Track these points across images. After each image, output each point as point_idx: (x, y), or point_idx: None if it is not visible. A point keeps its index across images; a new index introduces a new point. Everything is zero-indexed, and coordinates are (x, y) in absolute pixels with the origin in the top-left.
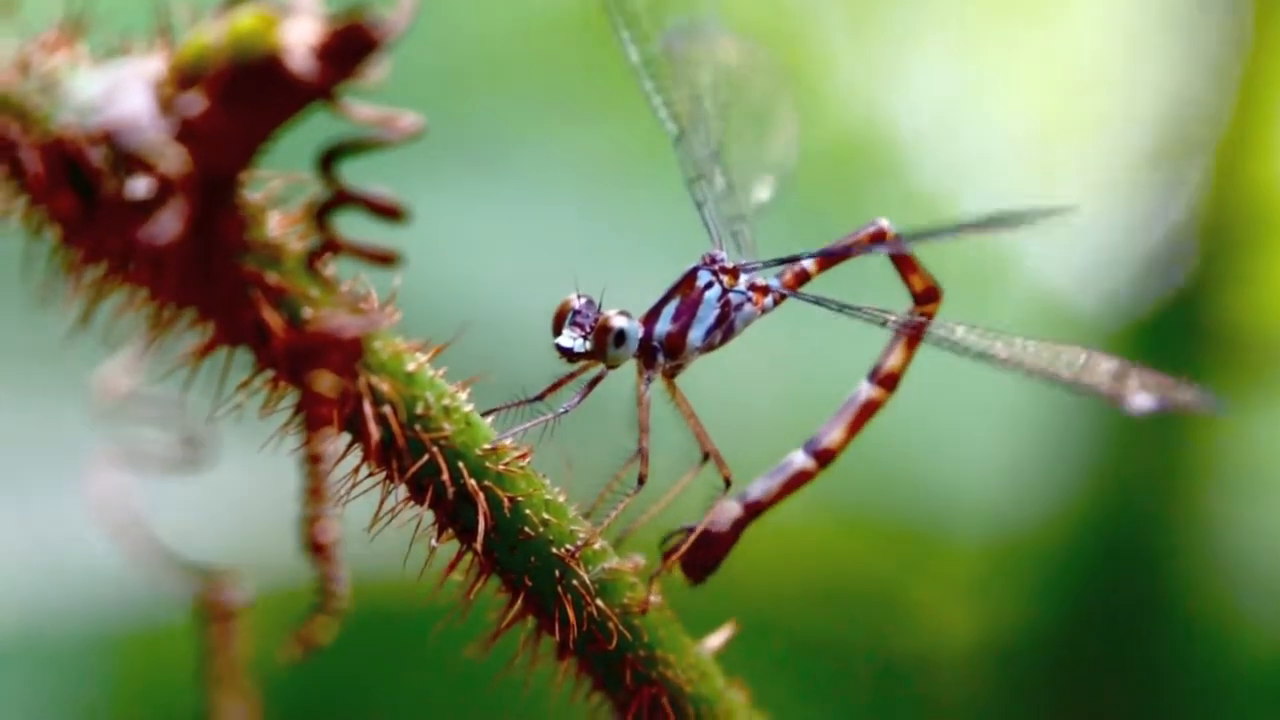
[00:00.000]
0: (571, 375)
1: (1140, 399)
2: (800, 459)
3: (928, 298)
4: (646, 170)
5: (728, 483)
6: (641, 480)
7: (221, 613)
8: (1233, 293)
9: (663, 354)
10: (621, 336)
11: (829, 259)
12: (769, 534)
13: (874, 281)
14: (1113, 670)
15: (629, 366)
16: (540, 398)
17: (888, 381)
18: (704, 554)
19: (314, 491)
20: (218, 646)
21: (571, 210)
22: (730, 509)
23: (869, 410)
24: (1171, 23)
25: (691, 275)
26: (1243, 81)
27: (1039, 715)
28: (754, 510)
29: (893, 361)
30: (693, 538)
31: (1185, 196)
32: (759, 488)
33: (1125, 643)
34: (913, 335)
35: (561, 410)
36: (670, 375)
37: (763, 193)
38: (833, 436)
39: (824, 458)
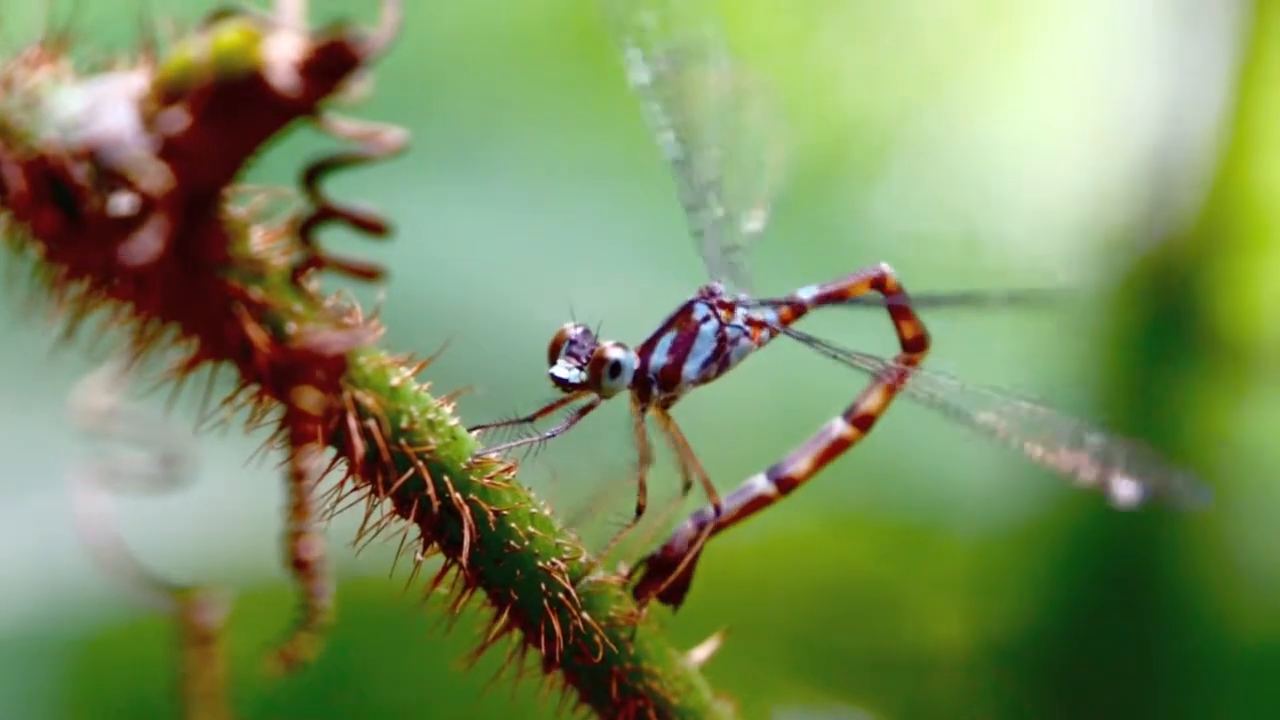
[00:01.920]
0: (564, 401)
1: (1126, 487)
2: (762, 484)
3: (916, 345)
4: (634, 178)
5: (717, 510)
6: (640, 510)
7: (200, 634)
8: (1230, 294)
9: (657, 386)
10: (617, 368)
11: (826, 299)
12: (763, 535)
13: (866, 316)
14: (1110, 667)
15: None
16: (530, 420)
17: (862, 422)
18: (673, 578)
19: (298, 507)
20: (196, 668)
21: (559, 222)
22: (688, 529)
23: (839, 447)
24: (1169, 24)
25: (689, 308)
26: (1241, 84)
27: (1037, 712)
28: (713, 529)
29: (870, 404)
30: (674, 575)
31: (1182, 198)
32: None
33: (1122, 639)
34: (894, 382)
35: (549, 434)
36: (664, 406)
37: (754, 224)
38: (798, 466)
39: (786, 485)
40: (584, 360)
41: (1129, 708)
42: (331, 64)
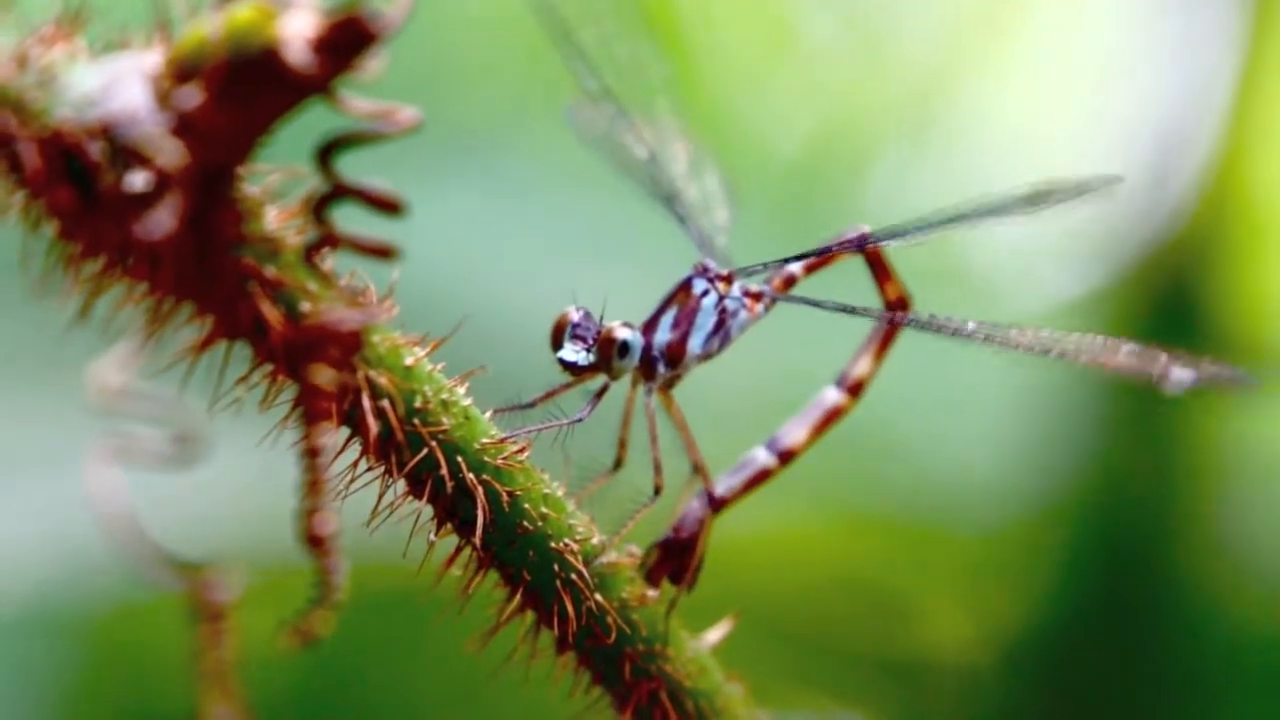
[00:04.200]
0: (567, 385)
1: (1176, 374)
2: (763, 457)
3: (899, 305)
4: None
5: (710, 496)
6: (658, 490)
7: (212, 611)
8: (1231, 292)
9: (663, 363)
10: (625, 348)
11: (814, 262)
12: (768, 534)
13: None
14: (1113, 664)
15: None
16: (533, 404)
17: (855, 389)
18: (683, 559)
19: (312, 485)
20: (207, 644)
21: (573, 204)
22: (696, 509)
23: (834, 415)
24: (1170, 23)
25: (687, 284)
26: (1241, 83)
27: (1039, 709)
28: (719, 507)
29: (860, 369)
30: (687, 557)
31: (1183, 196)
32: (723, 485)
33: (1125, 637)
34: (882, 344)
35: (574, 419)
36: (667, 386)
37: (722, 215)
38: (796, 437)
39: (786, 457)
40: (590, 342)
41: (1131, 708)
42: (346, 41)
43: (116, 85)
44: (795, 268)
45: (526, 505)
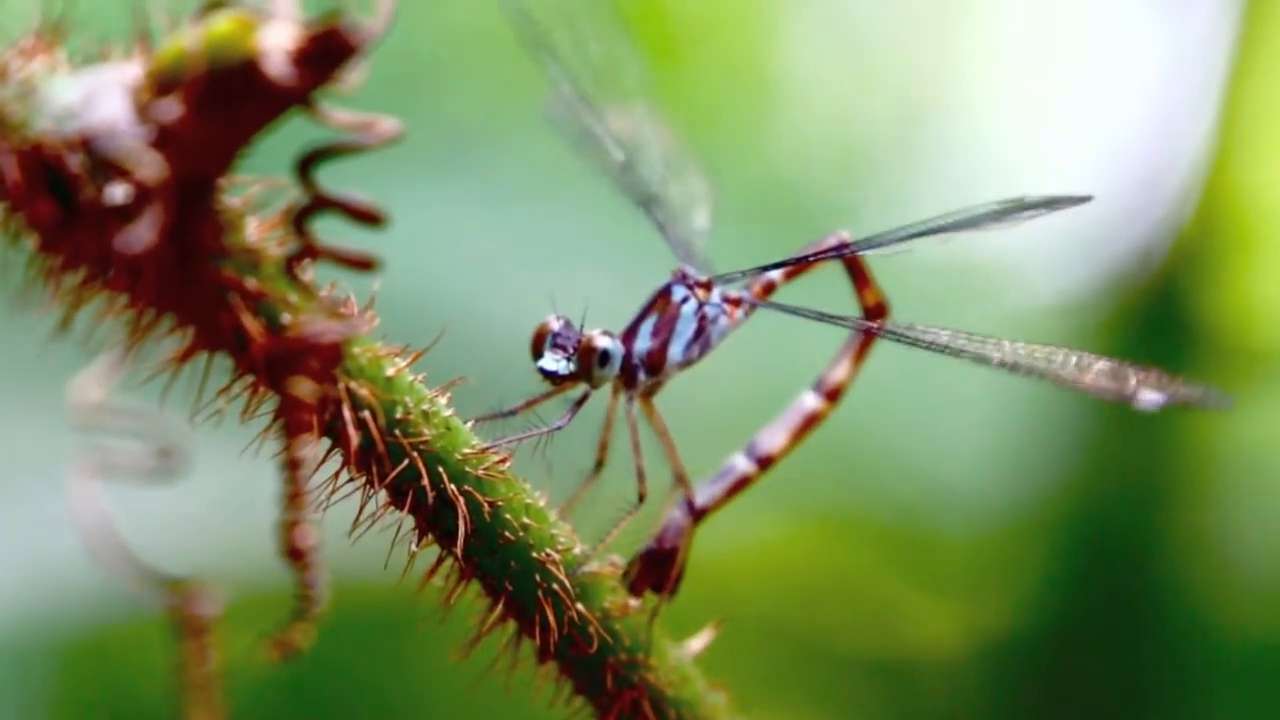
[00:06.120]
0: (548, 394)
1: (1148, 395)
2: (743, 464)
3: (877, 312)
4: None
5: (691, 506)
6: (642, 498)
7: (195, 626)
8: (1225, 296)
9: (644, 371)
10: (606, 357)
11: (793, 269)
12: (753, 541)
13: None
14: (1101, 668)
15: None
16: (514, 413)
17: (833, 394)
18: (665, 570)
19: (293, 496)
20: (191, 660)
21: (551, 213)
22: (678, 519)
23: (812, 420)
24: (1159, 31)
25: (666, 291)
26: (1231, 89)
27: (1027, 713)
28: (700, 516)
29: (839, 374)
30: (668, 566)
31: (1176, 202)
32: (703, 494)
33: (1114, 639)
34: (860, 349)
35: (554, 427)
36: (648, 394)
37: (700, 220)
38: (775, 443)
39: (765, 463)
40: (570, 351)
41: (1119, 710)
42: (326, 53)
43: (96, 97)
44: (775, 274)
45: (508, 515)
